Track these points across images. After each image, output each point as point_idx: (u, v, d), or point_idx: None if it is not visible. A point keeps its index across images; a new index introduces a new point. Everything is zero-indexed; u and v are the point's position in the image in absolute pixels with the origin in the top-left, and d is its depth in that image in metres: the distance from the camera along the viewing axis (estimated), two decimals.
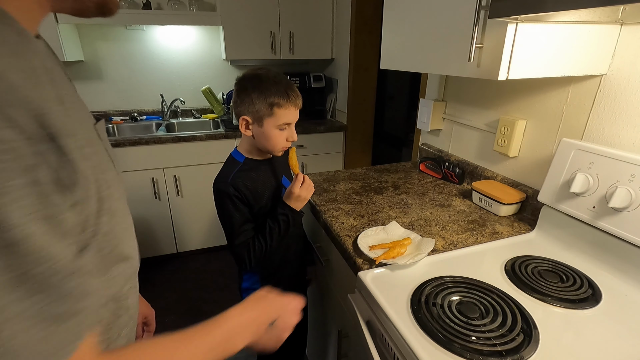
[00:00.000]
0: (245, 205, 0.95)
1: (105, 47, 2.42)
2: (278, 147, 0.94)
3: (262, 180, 0.98)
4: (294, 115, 0.91)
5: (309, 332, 1.45)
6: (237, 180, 0.93)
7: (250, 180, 0.95)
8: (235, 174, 0.94)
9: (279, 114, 0.88)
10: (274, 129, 0.90)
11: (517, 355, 0.57)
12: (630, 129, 0.82)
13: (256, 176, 0.97)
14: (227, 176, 0.94)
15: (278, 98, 0.87)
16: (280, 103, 0.87)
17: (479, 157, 1.29)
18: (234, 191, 0.92)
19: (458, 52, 0.84)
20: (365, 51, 2.35)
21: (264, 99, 0.87)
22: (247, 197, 0.94)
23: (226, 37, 2.29)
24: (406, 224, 1.01)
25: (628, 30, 0.80)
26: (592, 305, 0.69)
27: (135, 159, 2.13)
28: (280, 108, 0.88)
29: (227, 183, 0.92)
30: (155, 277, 2.30)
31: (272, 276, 1.08)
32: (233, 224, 0.94)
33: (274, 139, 0.91)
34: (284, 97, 0.87)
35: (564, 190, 0.87)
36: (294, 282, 1.16)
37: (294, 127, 0.94)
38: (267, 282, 1.07)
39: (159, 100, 2.56)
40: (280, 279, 1.09)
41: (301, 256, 1.17)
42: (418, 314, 0.67)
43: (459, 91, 1.37)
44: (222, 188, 0.93)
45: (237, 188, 0.92)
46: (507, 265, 0.82)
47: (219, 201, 0.95)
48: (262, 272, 1.08)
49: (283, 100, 0.87)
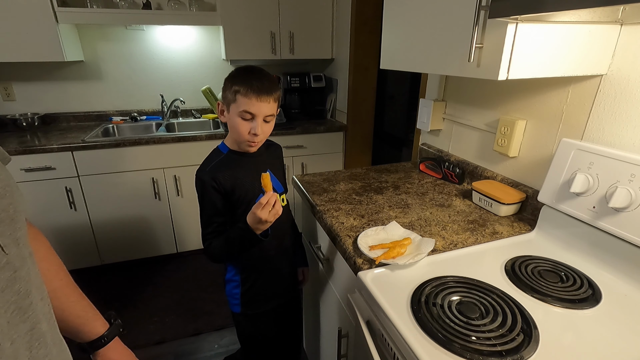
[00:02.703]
0: (221, 195, 0.96)
1: (105, 47, 2.42)
2: (242, 137, 0.93)
3: (243, 172, 0.98)
4: (256, 107, 0.90)
5: (309, 332, 1.45)
6: (216, 169, 0.96)
7: (230, 171, 0.97)
8: (216, 163, 0.97)
9: (239, 101, 0.90)
10: (237, 117, 0.91)
11: (517, 355, 0.57)
12: (630, 129, 0.82)
13: (237, 167, 0.98)
14: (207, 166, 0.97)
15: (240, 85, 0.89)
16: (241, 90, 0.89)
17: (479, 157, 1.29)
18: (210, 180, 0.94)
19: (458, 52, 0.84)
20: (365, 51, 2.35)
21: (231, 86, 0.91)
22: (225, 187, 0.95)
23: (226, 37, 2.29)
24: (406, 224, 1.01)
25: (628, 30, 0.80)
26: (592, 305, 0.69)
27: (135, 159, 2.13)
28: (240, 95, 0.89)
29: (206, 171, 0.96)
30: (155, 277, 2.30)
31: (251, 271, 1.08)
32: (203, 212, 0.98)
33: (237, 127, 0.92)
34: (246, 85, 0.89)
35: (564, 190, 0.87)
36: (280, 281, 1.14)
37: (260, 121, 0.92)
38: (248, 276, 1.08)
39: (159, 100, 2.56)
40: (261, 275, 1.08)
41: (288, 254, 1.15)
42: (418, 314, 0.67)
43: (459, 91, 1.37)
44: (200, 176, 0.96)
45: (215, 177, 0.94)
46: (507, 265, 0.82)
47: (197, 188, 0.98)
48: (240, 265, 1.08)
49: (244, 89, 0.89)
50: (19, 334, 0.35)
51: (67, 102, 2.47)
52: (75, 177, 2.05)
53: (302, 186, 1.29)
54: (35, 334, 0.37)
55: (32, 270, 0.39)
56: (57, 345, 0.43)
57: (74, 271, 2.24)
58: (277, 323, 1.20)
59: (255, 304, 1.11)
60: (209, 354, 1.74)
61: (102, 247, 2.25)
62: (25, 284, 0.37)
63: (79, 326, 0.61)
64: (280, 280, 1.14)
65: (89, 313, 0.63)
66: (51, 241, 0.66)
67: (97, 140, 2.05)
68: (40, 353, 0.38)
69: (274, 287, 1.13)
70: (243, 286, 1.08)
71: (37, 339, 0.38)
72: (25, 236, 0.40)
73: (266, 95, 0.90)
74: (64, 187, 2.04)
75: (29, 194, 2.00)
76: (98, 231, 2.21)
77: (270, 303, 1.13)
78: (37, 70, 2.34)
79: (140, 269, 2.38)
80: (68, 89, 2.44)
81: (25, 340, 0.36)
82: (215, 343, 1.80)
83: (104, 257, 2.28)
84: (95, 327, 0.63)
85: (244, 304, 1.10)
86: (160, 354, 1.75)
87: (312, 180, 1.34)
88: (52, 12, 1.97)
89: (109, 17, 2.12)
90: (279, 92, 0.96)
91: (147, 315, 1.98)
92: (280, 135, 2.35)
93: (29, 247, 0.40)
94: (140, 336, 1.83)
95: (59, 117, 2.47)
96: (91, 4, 2.14)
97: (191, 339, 1.82)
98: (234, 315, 1.15)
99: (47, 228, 2.08)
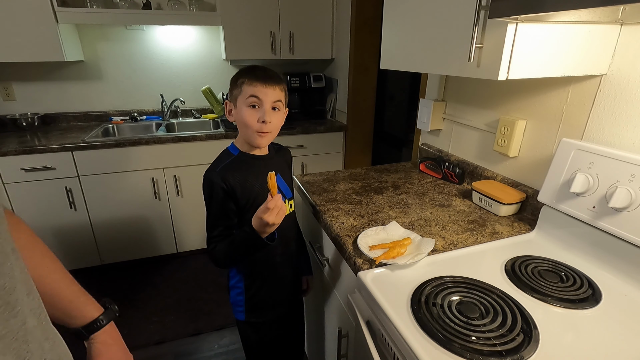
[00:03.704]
0: (230, 198, 0.94)
1: (105, 47, 2.42)
2: (251, 127, 0.91)
3: (253, 174, 0.96)
4: (262, 91, 0.90)
5: (310, 332, 1.46)
6: (226, 171, 0.94)
7: (240, 172, 0.95)
8: (226, 164, 0.95)
9: (245, 90, 0.90)
10: (244, 107, 0.91)
11: (517, 355, 0.57)
12: (630, 129, 0.82)
13: (247, 169, 0.97)
14: (217, 166, 0.96)
15: (245, 76, 0.91)
16: (246, 80, 0.90)
17: (479, 157, 1.29)
18: (220, 182, 0.92)
19: (458, 52, 0.84)
20: (365, 51, 2.35)
21: (236, 79, 0.93)
22: (235, 189, 0.93)
23: (226, 37, 2.29)
24: (406, 224, 1.01)
25: (628, 30, 0.80)
26: (592, 305, 0.69)
27: (135, 159, 2.13)
28: (245, 84, 0.90)
29: (216, 172, 0.93)
30: (155, 277, 2.30)
31: (256, 277, 1.05)
32: (210, 214, 0.96)
33: (245, 118, 0.91)
34: (250, 74, 0.91)
35: (564, 190, 0.87)
36: (284, 288, 1.11)
37: (268, 108, 0.91)
38: (252, 283, 1.05)
39: (159, 100, 2.56)
40: (265, 281, 1.06)
41: (293, 261, 1.12)
42: (418, 314, 0.67)
43: (459, 91, 1.37)
44: (210, 176, 0.94)
45: (225, 179, 0.92)
46: (507, 265, 0.82)
47: (205, 189, 0.96)
48: (244, 271, 1.05)
49: (248, 78, 0.90)
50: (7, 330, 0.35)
51: (67, 102, 2.47)
52: (75, 177, 2.05)
53: (302, 186, 1.29)
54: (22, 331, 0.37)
55: (15, 265, 0.39)
56: (50, 340, 0.42)
57: (74, 271, 2.23)
58: (280, 332, 1.18)
59: (259, 311, 1.09)
60: (208, 354, 1.74)
61: (102, 247, 2.25)
62: (10, 279, 0.37)
63: (71, 310, 0.60)
64: (285, 288, 1.12)
65: (80, 297, 0.62)
66: (51, 241, 0.65)
67: (97, 140, 2.05)
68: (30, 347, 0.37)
69: (278, 295, 1.10)
70: (247, 293, 1.06)
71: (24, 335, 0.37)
72: (5, 231, 0.39)
73: (271, 81, 0.91)
74: (64, 187, 2.04)
75: (29, 194, 2.00)
76: (98, 231, 2.21)
77: (275, 311, 1.11)
78: (37, 70, 2.34)
79: (140, 269, 2.37)
80: (68, 89, 2.44)
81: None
82: (215, 343, 1.80)
83: (104, 257, 2.28)
84: (89, 311, 0.62)
85: (248, 311, 1.08)
86: (160, 354, 1.75)
87: (312, 180, 1.34)
88: (52, 12, 1.97)
89: (109, 17, 2.12)
90: (284, 84, 0.96)
91: (147, 315, 1.98)
92: (280, 135, 2.32)
93: (11, 242, 0.40)
94: (140, 336, 1.83)
95: (59, 117, 2.47)
96: (91, 4, 2.14)
97: (191, 339, 1.82)
98: (238, 323, 1.13)
99: (47, 228, 2.08)
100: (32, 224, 2.34)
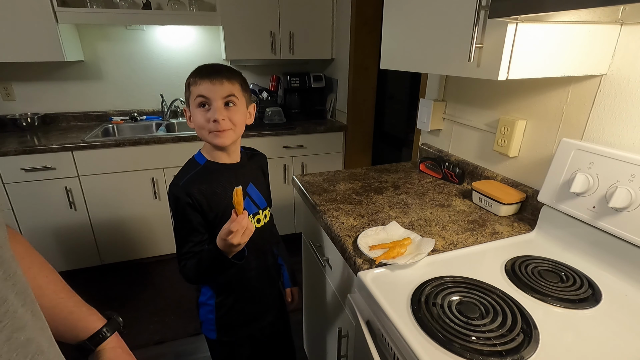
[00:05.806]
0: (198, 212, 0.88)
1: (105, 47, 2.42)
2: (204, 128, 0.87)
3: (222, 185, 0.90)
4: (208, 89, 0.84)
5: (309, 332, 1.46)
6: (191, 184, 0.88)
7: (207, 184, 0.89)
8: (191, 176, 0.89)
9: (192, 91, 0.87)
10: (195, 109, 0.87)
11: (517, 355, 0.57)
12: (630, 129, 0.82)
13: (215, 180, 0.90)
14: (181, 179, 0.89)
15: (191, 77, 0.88)
16: (191, 80, 0.88)
17: (479, 157, 1.29)
18: (185, 197, 0.86)
19: (458, 52, 0.84)
20: (365, 51, 2.35)
21: (187, 83, 0.89)
22: (201, 202, 0.87)
23: (226, 37, 2.29)
24: (406, 224, 1.01)
25: (628, 30, 0.80)
26: (592, 305, 0.69)
27: (135, 159, 2.13)
28: (192, 85, 0.87)
29: (180, 187, 0.87)
30: (155, 277, 2.30)
31: (228, 294, 1.00)
32: (177, 231, 0.90)
33: (197, 120, 0.87)
34: (195, 74, 0.87)
35: (564, 190, 0.87)
36: (260, 303, 1.06)
37: (218, 105, 0.85)
38: (223, 300, 1.00)
39: (159, 100, 2.56)
40: (238, 299, 1.01)
41: (270, 274, 1.08)
42: (418, 314, 0.67)
43: (459, 91, 1.37)
44: (174, 191, 0.87)
45: (190, 193, 0.86)
46: (507, 265, 0.82)
47: (171, 205, 0.89)
48: (216, 287, 0.99)
49: (194, 77, 0.87)
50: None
51: (67, 102, 2.47)
52: (75, 177, 2.05)
53: (302, 186, 1.29)
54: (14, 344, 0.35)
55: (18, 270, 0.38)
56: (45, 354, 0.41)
57: (74, 271, 2.25)
58: (257, 349, 1.13)
59: (231, 330, 1.03)
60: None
61: (102, 247, 2.25)
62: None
63: (74, 322, 0.58)
64: (260, 303, 1.06)
65: (82, 308, 0.60)
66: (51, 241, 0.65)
67: (97, 140, 2.05)
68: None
69: (253, 310, 1.05)
70: (218, 312, 1.00)
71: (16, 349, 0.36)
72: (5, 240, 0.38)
73: (218, 76, 0.85)
74: (64, 187, 2.04)
75: (29, 194, 2.00)
76: (98, 231, 2.21)
77: (249, 328, 1.06)
78: (37, 70, 2.34)
79: (141, 269, 2.38)
80: (68, 89, 2.44)
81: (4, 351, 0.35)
82: None
83: (103, 257, 2.28)
84: (92, 322, 0.60)
85: (219, 329, 1.02)
86: (160, 354, 1.75)
87: (312, 180, 1.34)
88: (52, 12, 1.97)
89: (109, 17, 2.12)
90: (237, 76, 0.89)
91: (147, 315, 1.98)
92: (280, 135, 2.35)
93: (9, 250, 0.39)
94: (140, 336, 1.83)
95: (59, 117, 2.47)
96: (91, 4, 2.14)
97: (191, 339, 1.82)
98: (209, 341, 1.08)
99: (47, 228, 2.08)
100: (32, 224, 2.33)
